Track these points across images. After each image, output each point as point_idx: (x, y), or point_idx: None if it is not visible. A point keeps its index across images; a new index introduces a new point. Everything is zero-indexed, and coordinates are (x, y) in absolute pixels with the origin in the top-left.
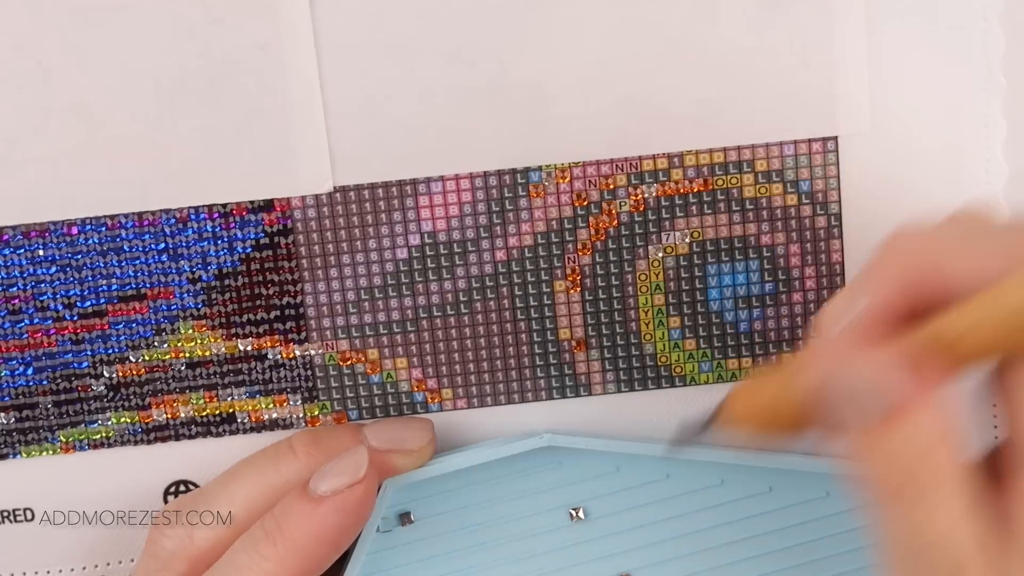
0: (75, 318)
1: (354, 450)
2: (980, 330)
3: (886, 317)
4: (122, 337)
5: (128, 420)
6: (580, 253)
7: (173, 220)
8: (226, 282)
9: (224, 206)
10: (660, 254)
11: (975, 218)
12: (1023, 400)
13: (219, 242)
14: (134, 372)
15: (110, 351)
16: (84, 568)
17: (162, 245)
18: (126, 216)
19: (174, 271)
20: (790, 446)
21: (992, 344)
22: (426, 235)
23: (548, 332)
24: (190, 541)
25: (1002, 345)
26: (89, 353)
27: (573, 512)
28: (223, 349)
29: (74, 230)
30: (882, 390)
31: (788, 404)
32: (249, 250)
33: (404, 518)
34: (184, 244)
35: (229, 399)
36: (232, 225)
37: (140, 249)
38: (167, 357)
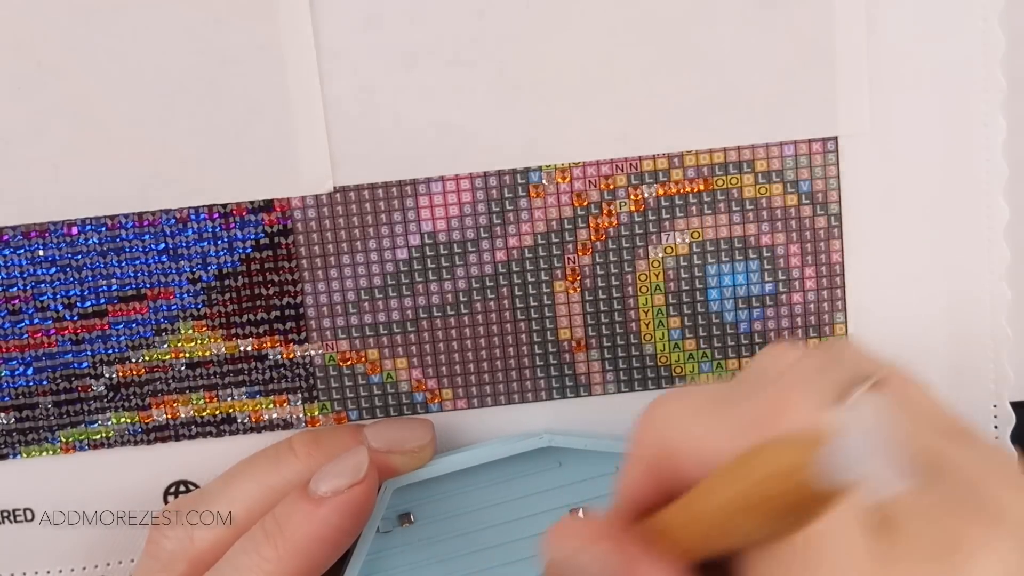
0: (75, 318)
1: (354, 451)
2: (692, 527)
3: (636, 503)
4: (122, 337)
5: (128, 420)
6: (580, 253)
7: (173, 220)
8: (226, 282)
9: (224, 206)
10: (660, 254)
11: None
12: None
13: (219, 242)
14: (134, 372)
15: (110, 351)
16: (84, 568)
17: (162, 245)
18: (126, 216)
19: (174, 271)
20: None
21: (710, 541)
22: (426, 235)
23: (548, 332)
24: (190, 542)
25: (722, 543)
26: (89, 353)
27: (573, 512)
28: (223, 349)
29: (74, 230)
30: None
31: None
32: (249, 250)
33: (404, 519)
34: (184, 244)
35: (229, 399)
36: (232, 225)
37: (140, 249)
38: (167, 357)
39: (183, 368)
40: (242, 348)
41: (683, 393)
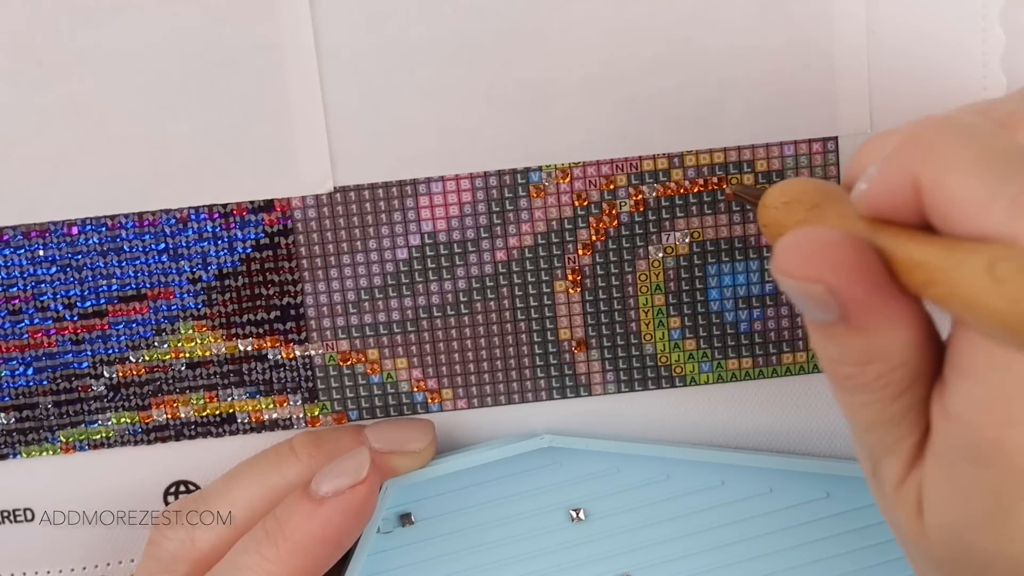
0: (75, 318)
1: (355, 451)
2: (929, 281)
3: (878, 209)
4: (122, 337)
5: (128, 420)
6: (580, 253)
7: (173, 220)
8: (226, 282)
9: (224, 206)
10: (660, 254)
11: None
12: (962, 355)
13: (219, 242)
14: (134, 372)
15: (110, 351)
16: (84, 568)
17: (162, 245)
18: (126, 216)
19: (174, 271)
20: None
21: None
22: (426, 235)
23: (548, 332)
24: (191, 543)
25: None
26: (89, 353)
27: (574, 513)
28: (223, 349)
29: (74, 230)
30: (833, 302)
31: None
32: (249, 250)
33: (405, 519)
34: (184, 244)
35: (229, 399)
36: (232, 225)
37: (140, 249)
38: (167, 357)
39: (183, 368)
40: (242, 348)
41: (972, 131)
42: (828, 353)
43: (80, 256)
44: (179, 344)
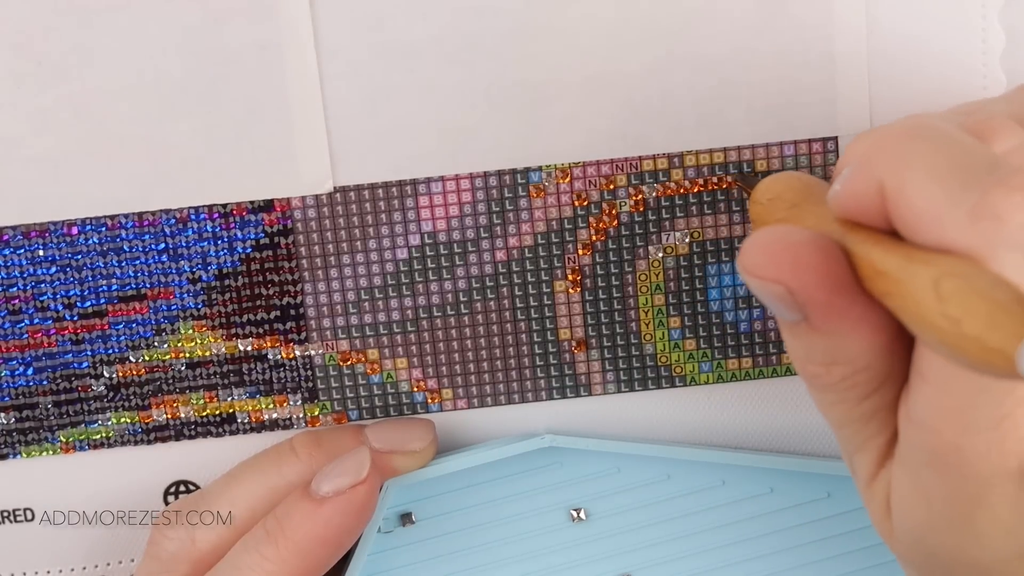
0: (75, 318)
1: (356, 451)
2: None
3: (848, 212)
4: (122, 337)
5: (128, 420)
6: (580, 253)
7: (173, 220)
8: (226, 282)
9: (224, 206)
10: (660, 254)
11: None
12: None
13: (219, 242)
14: (134, 372)
15: (110, 351)
16: (84, 568)
17: (162, 245)
18: (126, 216)
19: (174, 271)
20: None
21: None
22: (426, 235)
23: (548, 332)
24: (192, 543)
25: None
26: (89, 353)
27: (574, 513)
28: (223, 349)
29: (74, 230)
30: (793, 303)
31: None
32: (249, 250)
33: (405, 519)
34: (184, 244)
35: (229, 399)
36: (232, 225)
37: (140, 249)
38: (167, 357)
39: (183, 368)
40: (242, 348)
41: (939, 137)
42: (795, 351)
43: (80, 256)
44: (179, 344)
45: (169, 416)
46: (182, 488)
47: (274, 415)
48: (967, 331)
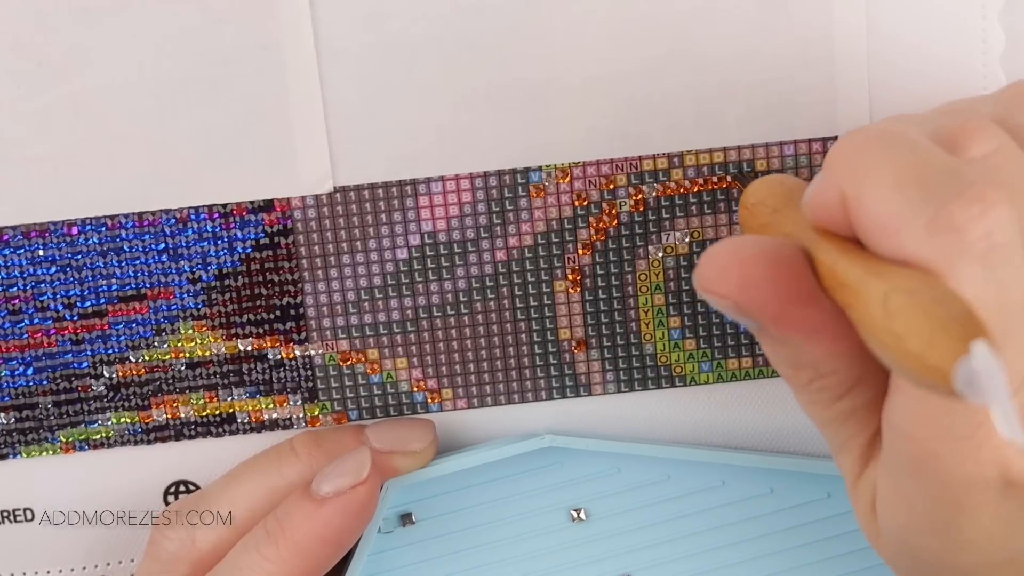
0: (75, 318)
1: (357, 451)
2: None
3: (823, 218)
4: (122, 337)
5: (128, 420)
6: (580, 253)
7: (173, 220)
8: (226, 282)
9: (224, 206)
10: (660, 254)
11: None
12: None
13: (219, 242)
14: (134, 372)
15: (110, 351)
16: (84, 568)
17: (162, 245)
18: (126, 216)
19: (174, 271)
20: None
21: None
22: (426, 235)
23: (548, 332)
24: (192, 544)
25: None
26: (89, 353)
27: (574, 513)
28: (223, 349)
29: (74, 230)
30: (742, 316)
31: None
32: (249, 250)
33: (406, 519)
34: (184, 244)
35: (229, 399)
36: (232, 225)
37: (140, 249)
38: (167, 357)
39: (183, 368)
40: (242, 348)
41: (902, 146)
42: (765, 353)
43: (80, 256)
44: (179, 344)
45: (169, 416)
46: (182, 488)
47: (274, 415)
48: (910, 348)
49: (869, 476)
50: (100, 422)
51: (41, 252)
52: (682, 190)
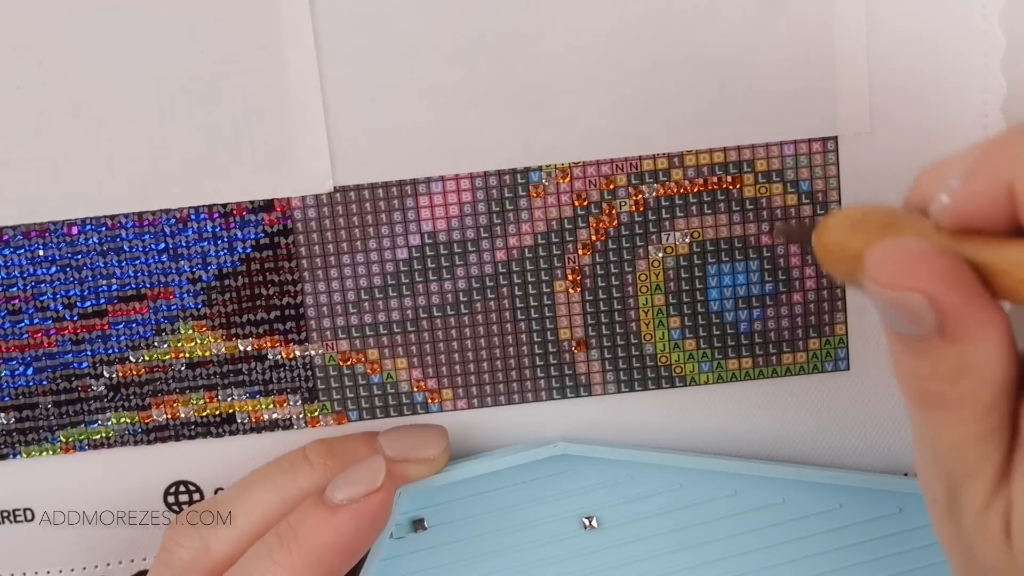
0: (75, 318)
1: (371, 459)
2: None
3: (966, 218)
4: (122, 337)
5: (128, 420)
6: (580, 253)
7: (173, 220)
8: (226, 282)
9: (224, 206)
10: (660, 254)
11: None
12: None
13: (219, 242)
14: (134, 372)
15: (110, 351)
16: (84, 568)
17: (162, 245)
18: (126, 216)
19: (174, 271)
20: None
21: None
22: (426, 235)
23: (548, 332)
24: (207, 552)
25: None
26: (89, 353)
27: (586, 521)
28: (223, 349)
29: (74, 230)
30: (931, 312)
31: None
32: (249, 250)
33: (417, 525)
34: (184, 244)
35: (229, 399)
36: (232, 225)
37: (140, 249)
38: (167, 357)
39: (183, 368)
40: (242, 348)
41: None
42: (916, 370)
43: (80, 256)
44: (179, 344)
45: (169, 416)
46: (182, 488)
47: (274, 415)
48: None
49: (1001, 500)
50: (100, 422)
51: (41, 252)
52: (682, 190)
